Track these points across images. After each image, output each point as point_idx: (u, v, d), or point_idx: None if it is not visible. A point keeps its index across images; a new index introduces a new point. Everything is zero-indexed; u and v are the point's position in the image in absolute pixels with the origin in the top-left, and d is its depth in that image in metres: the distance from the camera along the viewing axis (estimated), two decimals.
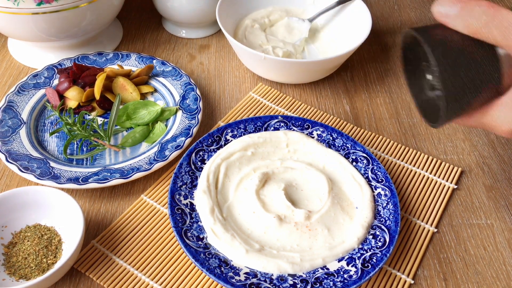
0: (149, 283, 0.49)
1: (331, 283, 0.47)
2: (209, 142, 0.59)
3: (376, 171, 0.57)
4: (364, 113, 0.70)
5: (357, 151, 0.59)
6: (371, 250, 0.49)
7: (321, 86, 0.74)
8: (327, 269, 0.48)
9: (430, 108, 0.41)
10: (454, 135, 0.67)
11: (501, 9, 0.35)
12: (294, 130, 0.61)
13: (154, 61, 0.72)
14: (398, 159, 0.63)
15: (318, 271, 0.48)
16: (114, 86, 0.67)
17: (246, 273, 0.47)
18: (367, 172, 0.57)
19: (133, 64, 0.72)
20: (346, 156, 0.59)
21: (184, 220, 0.51)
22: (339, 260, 0.49)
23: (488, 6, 0.35)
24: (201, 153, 0.58)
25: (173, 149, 0.59)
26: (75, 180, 0.55)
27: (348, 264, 0.48)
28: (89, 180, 0.55)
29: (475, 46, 0.36)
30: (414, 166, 0.62)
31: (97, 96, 0.65)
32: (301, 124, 0.62)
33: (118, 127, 0.64)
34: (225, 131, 0.60)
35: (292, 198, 0.54)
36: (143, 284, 0.49)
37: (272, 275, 0.47)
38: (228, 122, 0.66)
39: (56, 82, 0.68)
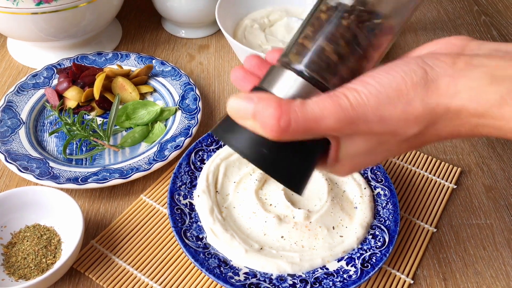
0: (149, 283, 0.49)
1: (331, 283, 0.47)
2: (208, 142, 0.59)
3: (376, 171, 0.57)
4: None
5: None
6: (371, 250, 0.49)
7: None
8: (327, 269, 0.48)
9: None
10: None
11: (292, 112, 0.29)
12: None
13: (154, 61, 0.72)
14: (398, 159, 0.63)
15: (318, 271, 0.48)
16: (114, 86, 0.67)
17: (245, 273, 0.47)
18: (366, 172, 0.57)
19: (132, 64, 0.72)
20: None
21: (183, 220, 0.51)
22: (339, 260, 0.49)
23: (277, 110, 0.28)
24: (200, 153, 0.58)
25: (173, 149, 0.59)
26: (75, 180, 0.55)
27: (347, 264, 0.48)
28: (88, 180, 0.55)
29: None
30: (413, 166, 0.62)
31: (97, 96, 0.65)
32: None
33: (118, 127, 0.64)
34: None
35: (291, 198, 0.54)
36: (143, 284, 0.49)
37: (272, 275, 0.47)
38: None
39: (55, 82, 0.68)
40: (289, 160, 0.32)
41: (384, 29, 0.31)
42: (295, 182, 0.32)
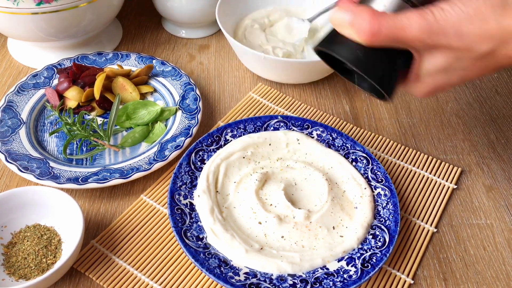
0: (149, 283, 0.49)
1: (331, 283, 0.47)
2: (208, 142, 0.59)
3: (376, 171, 0.57)
4: (364, 113, 0.70)
5: (356, 151, 0.59)
6: (371, 250, 0.49)
7: (321, 86, 0.74)
8: (327, 269, 0.48)
9: (375, 90, 0.44)
10: (454, 135, 0.67)
11: (383, 20, 0.36)
12: (294, 130, 0.61)
13: (154, 61, 0.72)
14: (398, 159, 0.63)
15: (318, 271, 0.48)
16: (114, 86, 0.67)
17: (245, 273, 0.47)
18: (366, 172, 0.57)
19: (132, 64, 0.72)
20: (346, 156, 0.59)
21: (183, 220, 0.51)
22: (339, 260, 0.49)
23: (370, 18, 0.36)
24: (200, 153, 0.58)
25: (173, 149, 0.59)
26: (75, 180, 0.55)
27: (348, 264, 0.48)
28: (88, 180, 0.55)
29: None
30: (413, 166, 0.62)
31: (97, 96, 0.65)
32: (301, 124, 0.62)
33: (118, 127, 0.64)
34: (224, 131, 0.60)
35: (291, 198, 0.54)
36: (143, 284, 0.49)
37: (272, 275, 0.47)
38: (227, 122, 0.66)
39: (55, 82, 0.68)
40: (380, 64, 0.39)
41: None
42: (385, 85, 0.40)
